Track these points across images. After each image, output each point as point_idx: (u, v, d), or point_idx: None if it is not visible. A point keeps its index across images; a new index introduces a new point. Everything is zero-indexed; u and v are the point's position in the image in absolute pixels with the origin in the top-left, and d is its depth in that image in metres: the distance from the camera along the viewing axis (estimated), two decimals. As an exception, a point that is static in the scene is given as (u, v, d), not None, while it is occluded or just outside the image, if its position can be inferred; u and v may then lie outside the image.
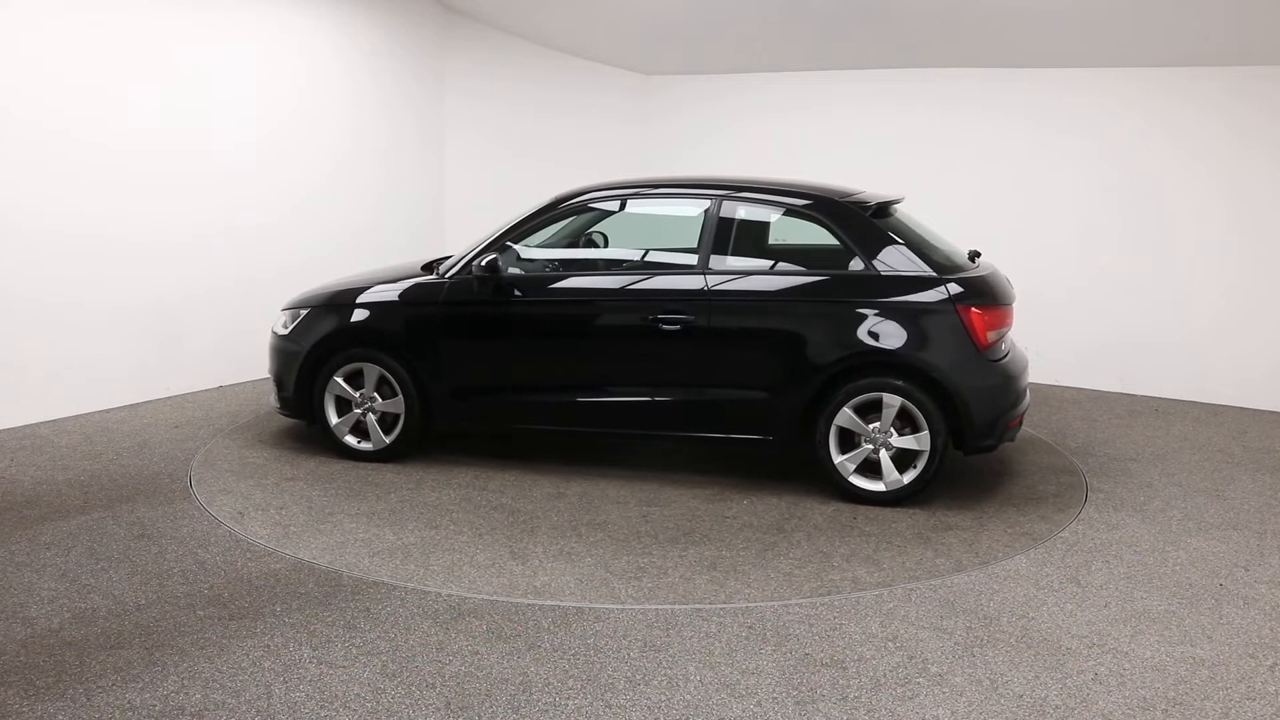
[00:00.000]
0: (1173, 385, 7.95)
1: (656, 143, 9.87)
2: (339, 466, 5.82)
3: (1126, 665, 3.72)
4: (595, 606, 4.12)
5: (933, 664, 3.70)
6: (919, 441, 5.22)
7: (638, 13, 8.45)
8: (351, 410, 5.91)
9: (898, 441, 5.26)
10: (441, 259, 6.28)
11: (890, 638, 3.90)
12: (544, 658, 3.70)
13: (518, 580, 4.37)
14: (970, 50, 8.05)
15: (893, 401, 5.22)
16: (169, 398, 7.25)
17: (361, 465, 5.85)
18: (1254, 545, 4.94)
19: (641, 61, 9.60)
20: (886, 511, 5.25)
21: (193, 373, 7.43)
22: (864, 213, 5.49)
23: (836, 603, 4.20)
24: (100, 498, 5.25)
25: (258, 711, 3.31)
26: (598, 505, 5.30)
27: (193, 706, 3.32)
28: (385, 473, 5.74)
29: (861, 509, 5.28)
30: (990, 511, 5.30)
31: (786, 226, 5.74)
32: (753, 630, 3.94)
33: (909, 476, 5.27)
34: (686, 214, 5.88)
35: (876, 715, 3.36)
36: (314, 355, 5.90)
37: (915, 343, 5.21)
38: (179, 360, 7.32)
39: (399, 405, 5.81)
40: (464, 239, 7.52)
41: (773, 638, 3.88)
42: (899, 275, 5.32)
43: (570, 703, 3.40)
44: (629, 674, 3.59)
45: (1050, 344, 8.10)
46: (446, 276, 5.84)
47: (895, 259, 5.35)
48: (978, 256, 5.80)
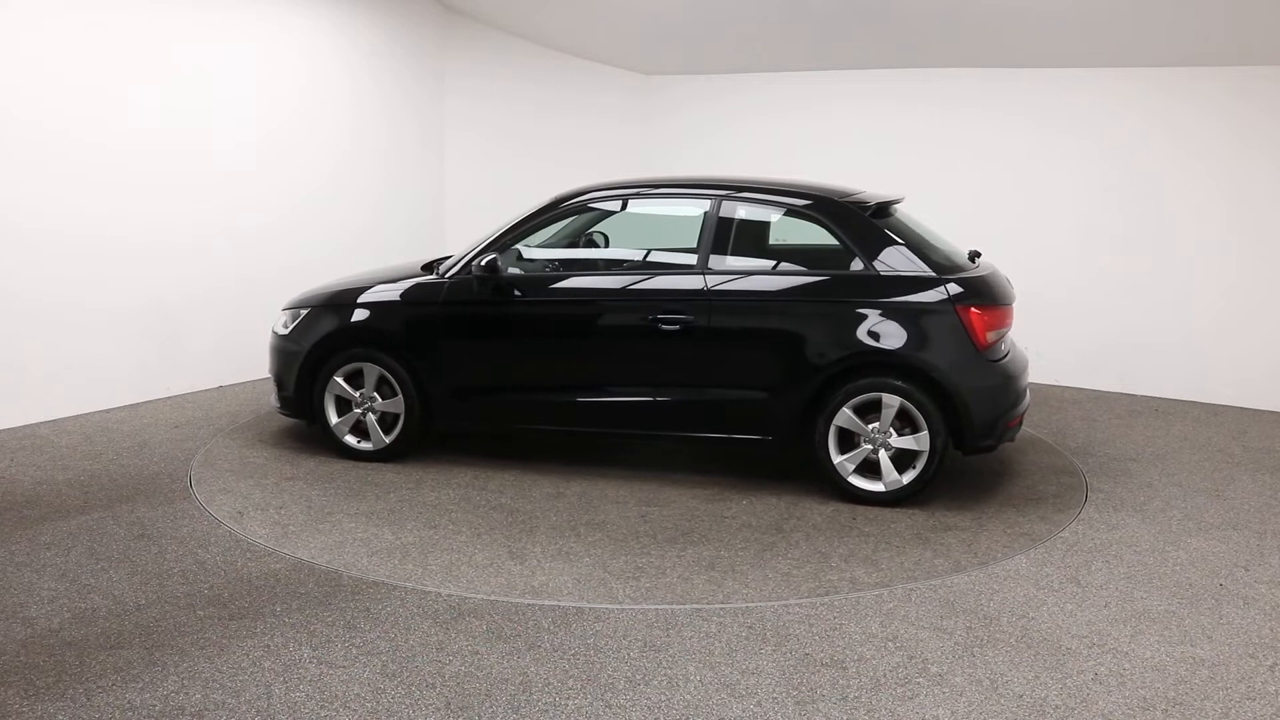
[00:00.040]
0: (1173, 385, 7.95)
1: (656, 143, 9.87)
2: (339, 466, 5.83)
3: (1126, 665, 3.72)
4: (594, 606, 4.12)
5: (933, 664, 3.70)
6: (918, 442, 5.22)
7: (638, 13, 8.45)
8: (351, 410, 5.91)
9: (897, 442, 5.26)
10: (441, 259, 6.29)
11: (890, 638, 3.90)
12: (544, 658, 3.70)
13: (515, 580, 4.37)
14: (970, 50, 8.05)
15: (892, 402, 5.22)
16: (169, 398, 7.25)
17: (361, 465, 5.85)
18: (1254, 545, 4.94)
19: (641, 61, 9.61)
20: (885, 512, 5.25)
21: (193, 373, 7.43)
22: (864, 213, 5.49)
23: (836, 603, 4.20)
24: (100, 498, 5.25)
25: (258, 711, 3.31)
26: (597, 505, 5.31)
27: (193, 706, 3.32)
28: (385, 472, 5.74)
29: (860, 509, 5.29)
30: (990, 512, 5.30)
31: (786, 227, 5.74)
32: (753, 630, 3.94)
33: (908, 477, 5.27)
34: (686, 214, 5.88)
35: (876, 715, 3.36)
36: (314, 355, 5.90)
37: (915, 343, 5.21)
38: (179, 360, 7.32)
39: (399, 405, 5.82)
40: (464, 239, 7.52)
41: (773, 638, 3.88)
42: (898, 275, 5.32)
43: (570, 703, 3.40)
44: (629, 674, 3.60)
45: (1050, 344, 8.10)
46: (446, 276, 5.84)
47: (895, 259, 5.35)
48: (978, 256, 5.80)
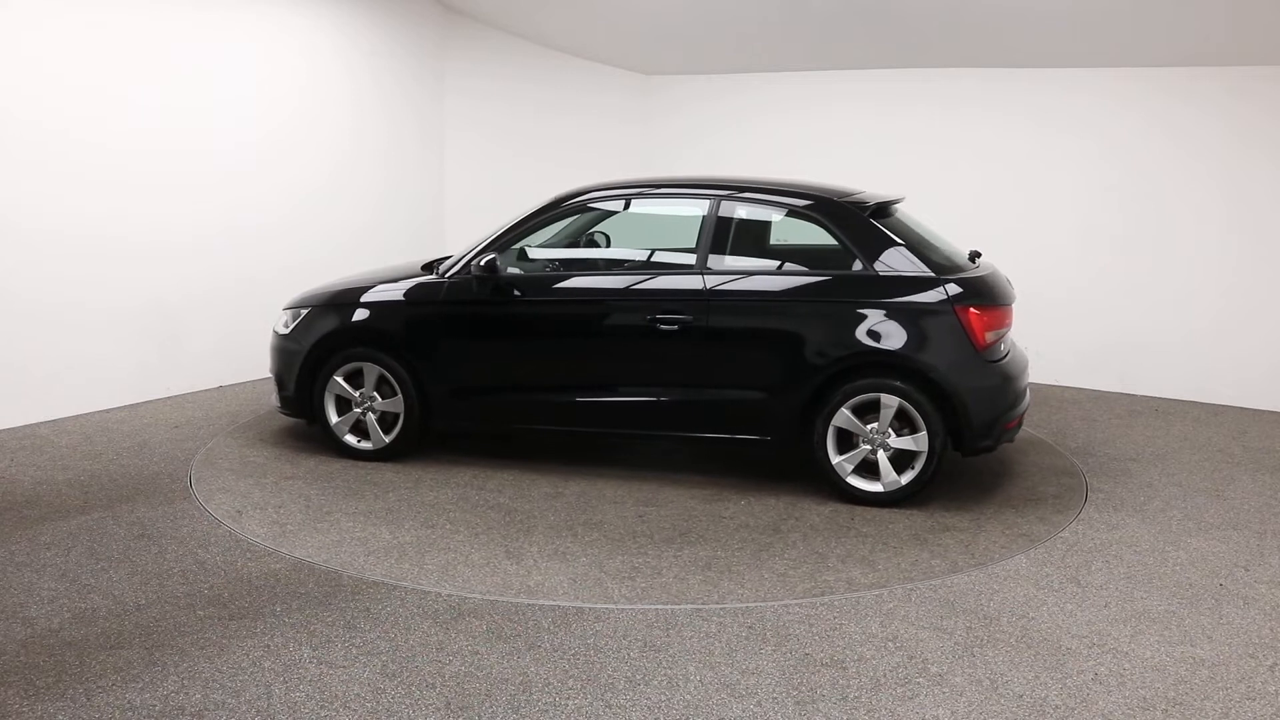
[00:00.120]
0: (1173, 385, 7.95)
1: (656, 143, 9.87)
2: (338, 465, 5.83)
3: (1126, 665, 3.72)
4: (594, 606, 4.12)
5: (933, 664, 3.70)
6: (917, 442, 5.22)
7: (638, 13, 8.45)
8: (351, 409, 5.92)
9: (896, 442, 5.25)
10: (441, 259, 6.29)
11: (890, 638, 3.90)
12: (544, 658, 3.70)
13: (512, 579, 4.37)
14: (970, 50, 8.05)
15: (891, 402, 5.22)
16: (169, 398, 7.25)
17: (361, 464, 5.85)
18: (1254, 545, 4.94)
19: (641, 61, 9.60)
20: (884, 512, 5.25)
21: (193, 373, 7.43)
22: (863, 213, 5.49)
23: (836, 603, 4.20)
24: (100, 498, 5.25)
25: (258, 711, 3.31)
26: (595, 505, 5.31)
27: (193, 706, 3.33)
28: (384, 472, 5.75)
29: (859, 510, 5.29)
30: (989, 513, 5.30)
31: (785, 227, 5.74)
32: (753, 630, 3.94)
33: (907, 477, 5.26)
34: (685, 214, 5.87)
35: (876, 715, 3.36)
36: (314, 354, 5.91)
37: (913, 343, 5.21)
38: (179, 360, 7.32)
39: (398, 405, 5.82)
40: (464, 239, 7.52)
41: (772, 638, 3.88)
42: (898, 275, 5.31)
43: (570, 703, 3.41)
44: (629, 674, 3.60)
45: (1050, 344, 8.10)
46: (446, 276, 5.85)
47: (894, 259, 5.35)
48: (978, 257, 5.80)
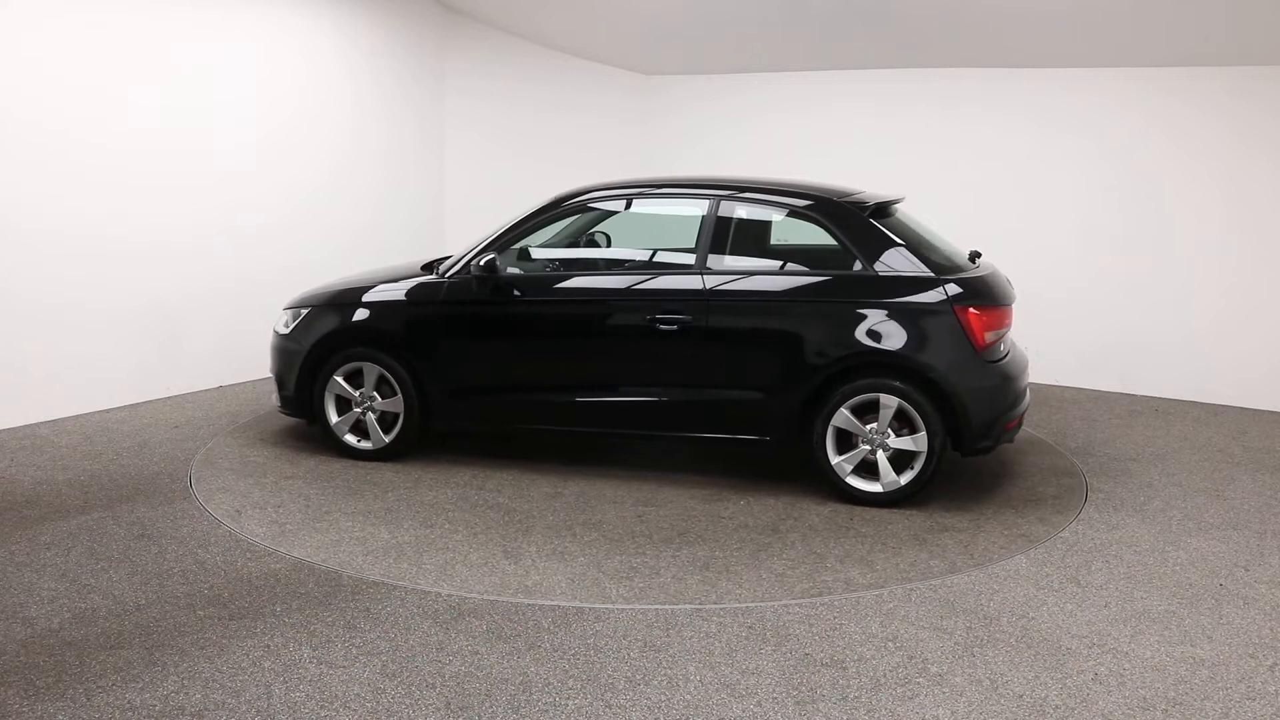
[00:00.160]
0: (1173, 385, 7.95)
1: (656, 143, 9.87)
2: (338, 465, 5.83)
3: (1126, 665, 3.72)
4: (594, 607, 4.12)
5: (933, 664, 3.70)
6: (916, 442, 5.22)
7: (638, 13, 8.45)
8: (351, 409, 5.92)
9: (895, 442, 5.25)
10: (441, 259, 6.29)
11: (890, 638, 3.90)
12: (544, 658, 3.70)
13: (509, 579, 4.37)
14: (970, 50, 8.05)
15: (890, 402, 5.22)
16: (169, 398, 7.25)
17: (361, 464, 5.85)
18: (1254, 545, 4.94)
19: (641, 61, 9.60)
20: (883, 513, 5.25)
21: (193, 373, 7.43)
22: (862, 213, 5.49)
23: (836, 603, 4.20)
24: (100, 498, 5.25)
25: (258, 711, 3.31)
26: (594, 505, 5.31)
27: (193, 706, 3.33)
28: (384, 471, 5.75)
29: (858, 510, 5.28)
30: (988, 513, 5.30)
31: (785, 227, 5.74)
32: (753, 630, 3.94)
33: (906, 478, 5.26)
34: (685, 214, 5.87)
35: (876, 715, 3.36)
36: (314, 354, 5.91)
37: (913, 343, 5.21)
38: (179, 360, 7.32)
39: (398, 404, 5.82)
40: (464, 239, 7.52)
41: (773, 638, 3.88)
42: (897, 276, 5.31)
43: (570, 703, 3.41)
44: (629, 674, 3.60)
45: (1050, 344, 8.10)
46: (446, 276, 5.85)
47: (894, 259, 5.35)
48: (978, 257, 5.80)
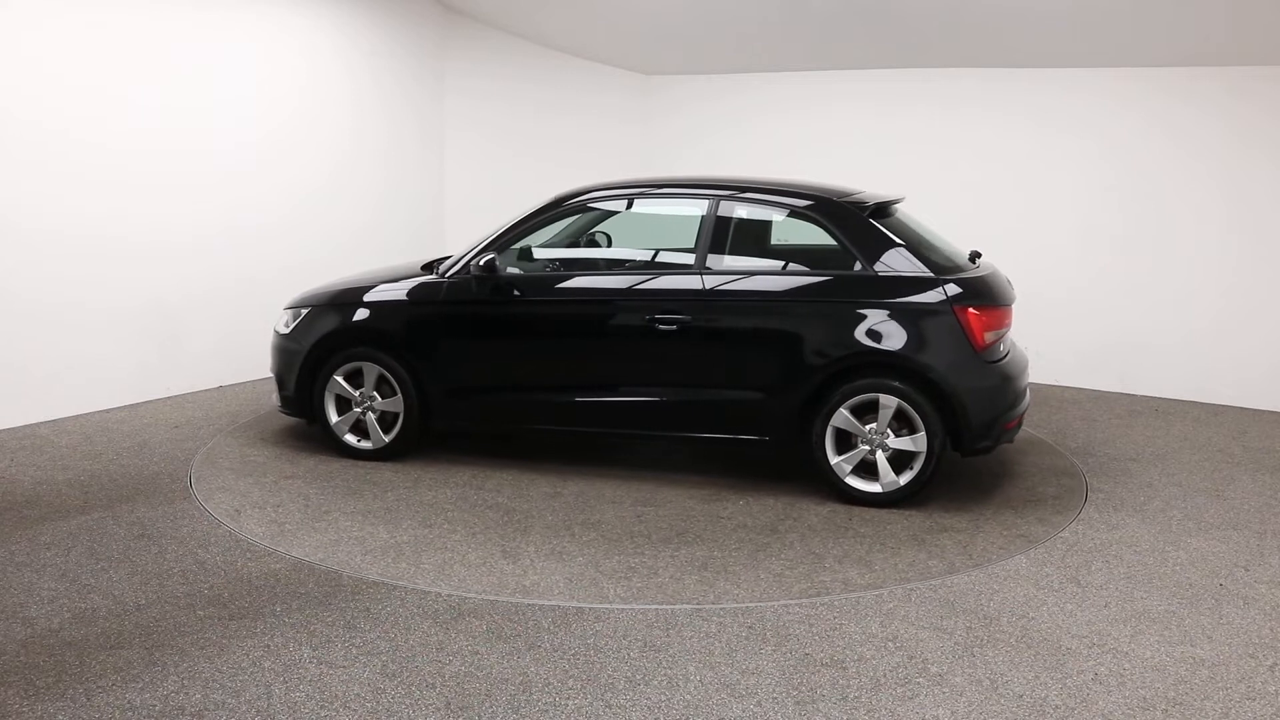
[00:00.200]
0: (1173, 385, 7.95)
1: (656, 143, 9.87)
2: (338, 465, 5.83)
3: (1126, 665, 3.72)
4: (593, 607, 4.12)
5: (933, 664, 3.70)
6: (915, 443, 5.22)
7: (638, 13, 8.45)
8: (351, 409, 5.92)
9: (894, 443, 5.25)
10: (441, 259, 6.29)
11: (890, 638, 3.90)
12: (544, 658, 3.70)
13: (507, 579, 4.37)
14: (970, 50, 8.05)
15: (889, 402, 5.22)
16: (169, 398, 7.25)
17: (360, 464, 5.85)
18: (1254, 545, 4.94)
19: (641, 61, 9.60)
20: (882, 513, 5.25)
21: (193, 373, 7.43)
22: (862, 213, 5.49)
23: (836, 603, 4.20)
24: (100, 498, 5.25)
25: (258, 711, 3.31)
26: (593, 505, 5.31)
27: (193, 706, 3.33)
28: (384, 471, 5.75)
29: (857, 510, 5.28)
30: (988, 514, 5.30)
31: (785, 227, 5.74)
32: (753, 630, 3.94)
33: (905, 478, 5.26)
34: (684, 214, 5.87)
35: (876, 715, 3.36)
36: (314, 354, 5.91)
37: (912, 343, 5.21)
38: (179, 360, 7.32)
39: (398, 404, 5.82)
40: (464, 239, 7.52)
41: (773, 638, 3.88)
42: (897, 276, 5.31)
43: (570, 703, 3.41)
44: (629, 674, 3.60)
45: (1050, 344, 8.10)
46: (446, 276, 5.85)
47: (893, 259, 5.35)
48: (978, 257, 5.80)
